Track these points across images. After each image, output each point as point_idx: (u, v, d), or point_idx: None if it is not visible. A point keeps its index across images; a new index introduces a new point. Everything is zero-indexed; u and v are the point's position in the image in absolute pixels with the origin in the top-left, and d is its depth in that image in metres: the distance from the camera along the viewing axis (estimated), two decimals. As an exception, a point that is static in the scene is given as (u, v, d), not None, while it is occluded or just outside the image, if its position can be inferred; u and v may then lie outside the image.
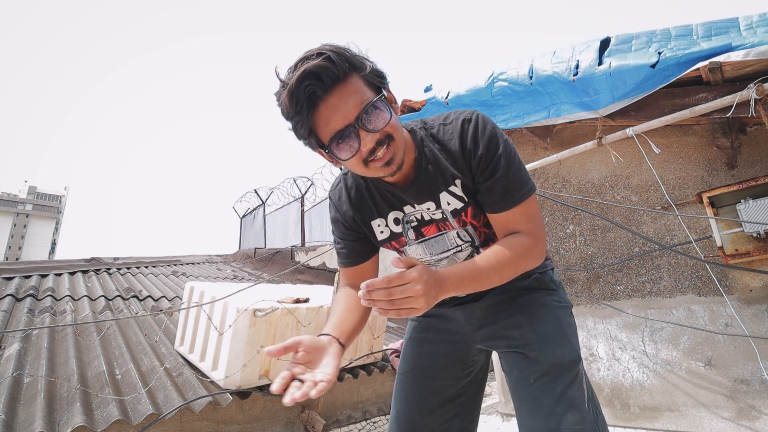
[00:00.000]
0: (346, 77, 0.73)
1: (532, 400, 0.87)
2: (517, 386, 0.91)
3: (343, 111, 0.73)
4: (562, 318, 0.96)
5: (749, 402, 2.16)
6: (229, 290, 2.72)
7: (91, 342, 2.71)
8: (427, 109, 2.94)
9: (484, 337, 1.01)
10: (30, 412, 1.86)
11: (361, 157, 0.77)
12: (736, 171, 2.37)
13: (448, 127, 0.88)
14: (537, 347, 0.90)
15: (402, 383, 1.05)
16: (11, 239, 51.44)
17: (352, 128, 0.73)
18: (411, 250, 1.00)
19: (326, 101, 0.72)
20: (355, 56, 0.75)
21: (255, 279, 5.96)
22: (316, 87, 0.71)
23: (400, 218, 0.96)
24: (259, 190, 10.32)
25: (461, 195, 0.90)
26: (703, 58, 1.88)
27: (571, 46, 2.36)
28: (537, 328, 0.93)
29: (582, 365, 0.91)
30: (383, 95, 0.78)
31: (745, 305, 2.25)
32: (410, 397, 1.02)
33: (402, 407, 1.02)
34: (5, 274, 4.17)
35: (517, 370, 0.92)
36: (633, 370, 2.59)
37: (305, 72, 0.70)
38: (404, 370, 1.06)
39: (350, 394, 3.06)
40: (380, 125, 0.75)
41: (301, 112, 0.73)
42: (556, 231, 3.09)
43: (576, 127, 2.99)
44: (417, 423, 0.98)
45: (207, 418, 2.33)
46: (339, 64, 0.71)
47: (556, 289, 1.02)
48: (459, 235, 0.95)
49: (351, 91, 0.73)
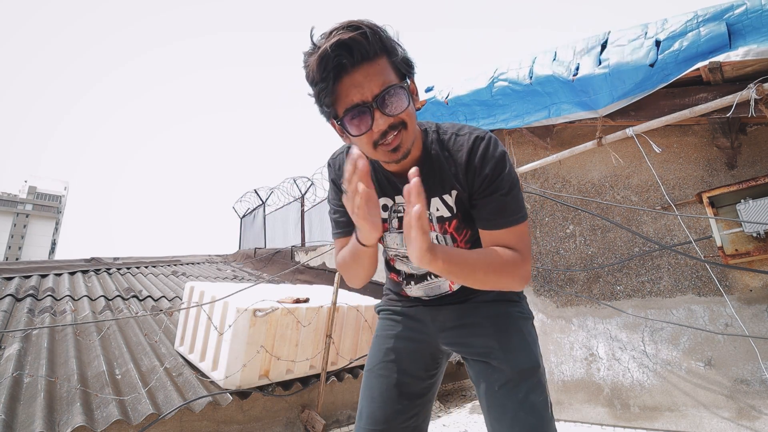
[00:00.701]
0: (376, 57, 0.74)
1: (498, 407, 0.90)
2: (484, 395, 0.94)
3: (364, 88, 0.73)
4: (523, 328, 0.99)
5: (749, 402, 2.16)
6: (229, 290, 2.72)
7: (91, 342, 2.71)
8: (426, 109, 2.94)
9: (448, 340, 1.04)
10: (30, 412, 1.86)
11: (371, 138, 0.77)
12: (736, 171, 2.37)
13: (460, 138, 0.89)
14: (500, 355, 0.93)
15: (368, 380, 1.06)
16: (11, 239, 51.45)
17: (368, 107, 0.74)
18: (389, 237, 1.01)
19: (351, 75, 0.73)
20: (389, 39, 0.76)
21: (255, 279, 5.96)
22: (345, 58, 0.71)
23: (389, 206, 0.97)
24: (259, 190, 10.32)
25: (451, 206, 0.92)
26: (702, 56, 1.88)
27: (572, 48, 2.36)
28: (499, 337, 0.96)
29: (543, 372, 0.95)
30: (407, 83, 0.78)
31: (745, 305, 2.25)
32: (374, 392, 1.02)
33: (365, 403, 1.03)
34: (5, 274, 4.17)
35: (483, 378, 0.95)
36: (633, 370, 2.59)
37: (339, 42, 0.70)
38: (370, 367, 1.07)
39: (350, 394, 3.06)
40: (396, 111, 0.76)
41: (326, 80, 0.73)
42: (556, 231, 3.09)
43: (576, 127, 2.99)
44: (380, 419, 0.99)
45: (207, 418, 2.33)
46: (373, 42, 0.72)
47: (519, 301, 1.05)
48: (437, 238, 0.96)
49: (377, 71, 0.74)
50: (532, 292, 3.13)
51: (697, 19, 1.91)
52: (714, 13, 1.88)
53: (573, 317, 2.91)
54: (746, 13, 1.79)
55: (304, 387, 2.73)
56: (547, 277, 3.09)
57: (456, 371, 4.10)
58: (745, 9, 1.80)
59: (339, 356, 2.96)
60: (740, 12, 1.81)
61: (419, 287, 1.06)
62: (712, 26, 1.86)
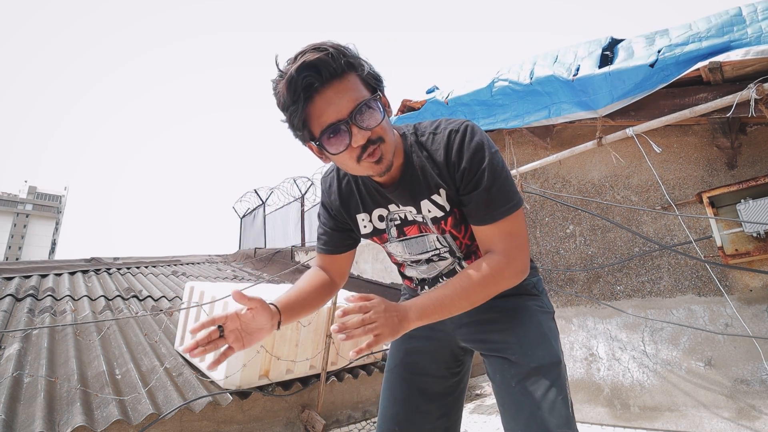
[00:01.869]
0: (344, 74, 0.75)
1: (514, 404, 0.87)
2: (500, 390, 0.92)
3: (337, 105, 0.74)
4: (543, 322, 0.96)
5: (749, 402, 2.16)
6: (229, 290, 2.72)
7: (91, 342, 2.71)
8: (426, 108, 2.94)
9: (465, 336, 1.02)
10: (30, 412, 1.86)
11: (353, 154, 0.78)
12: (736, 171, 2.37)
13: (437, 137, 0.88)
14: (518, 350, 0.91)
15: (388, 380, 1.06)
16: (11, 239, 51.44)
17: (345, 123, 0.74)
18: (392, 247, 1.01)
19: (322, 94, 0.73)
20: (354, 56, 0.77)
21: (255, 279, 5.96)
22: (314, 79, 0.72)
23: (385, 216, 0.97)
24: (259, 190, 10.31)
25: (443, 204, 0.90)
26: (703, 57, 1.88)
27: (573, 51, 2.36)
28: (518, 331, 0.94)
29: (564, 368, 0.91)
30: (378, 95, 0.79)
31: (745, 305, 2.25)
32: (396, 394, 1.02)
33: (388, 404, 1.02)
34: (5, 274, 4.17)
35: (500, 374, 0.93)
36: (633, 370, 2.59)
37: (305, 63, 0.71)
38: (390, 367, 1.07)
39: (350, 394, 3.06)
40: (373, 124, 0.76)
41: (297, 102, 0.74)
42: (556, 231, 3.09)
43: (576, 127, 2.99)
44: (402, 420, 0.98)
45: (207, 418, 2.33)
46: (338, 60, 0.73)
47: (538, 295, 1.02)
48: (438, 240, 0.96)
49: (347, 87, 0.74)
50: (532, 292, 3.13)
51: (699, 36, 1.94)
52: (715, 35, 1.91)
53: (573, 317, 2.91)
54: (746, 35, 1.82)
55: (304, 387, 2.74)
56: (547, 277, 3.09)
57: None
58: (746, 32, 1.83)
59: (339, 356, 2.96)
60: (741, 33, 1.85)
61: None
62: (714, 40, 1.88)
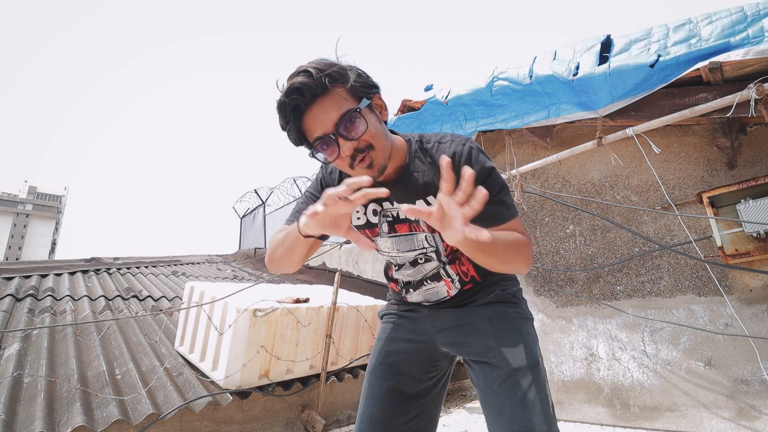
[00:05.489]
0: (327, 90, 0.80)
1: (496, 406, 0.91)
2: (484, 395, 0.95)
3: (323, 121, 0.80)
4: (522, 328, 1.01)
5: (749, 402, 2.16)
6: (229, 290, 2.72)
7: (91, 342, 2.71)
8: (426, 108, 2.94)
9: (447, 339, 1.05)
10: (30, 412, 1.86)
11: (344, 162, 0.84)
12: (736, 171, 2.37)
13: (442, 146, 0.94)
14: (498, 353, 0.95)
15: (368, 381, 1.08)
16: (11, 239, 51.44)
17: (331, 137, 0.81)
18: (381, 241, 1.04)
19: (309, 112, 0.81)
20: (338, 70, 0.81)
21: (255, 279, 5.96)
22: (299, 101, 0.79)
23: (378, 211, 1.00)
24: (259, 190, 10.30)
25: None
26: (702, 58, 1.88)
27: (572, 47, 2.36)
28: (498, 336, 0.98)
29: (543, 370, 0.95)
30: (359, 108, 0.82)
31: (745, 305, 2.25)
32: (374, 393, 1.05)
33: (366, 404, 1.05)
34: (5, 274, 4.16)
35: (483, 379, 0.96)
36: (633, 370, 2.59)
37: (291, 88, 0.79)
38: (370, 368, 1.10)
39: (350, 394, 3.06)
40: (357, 134, 0.81)
41: (289, 123, 0.82)
42: (556, 231, 3.09)
43: (576, 127, 2.99)
44: (378, 421, 1.01)
45: (207, 418, 2.33)
46: (318, 79, 0.78)
47: (518, 303, 1.07)
48: (426, 239, 1.00)
49: (333, 102, 0.80)
50: (532, 292, 3.13)
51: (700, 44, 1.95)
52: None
53: (573, 317, 2.91)
54: (747, 39, 1.83)
55: (304, 387, 2.73)
56: (547, 277, 3.09)
57: (456, 371, 4.10)
58: (747, 35, 1.83)
59: (339, 356, 2.96)
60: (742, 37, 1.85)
61: (418, 293, 1.09)
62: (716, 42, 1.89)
